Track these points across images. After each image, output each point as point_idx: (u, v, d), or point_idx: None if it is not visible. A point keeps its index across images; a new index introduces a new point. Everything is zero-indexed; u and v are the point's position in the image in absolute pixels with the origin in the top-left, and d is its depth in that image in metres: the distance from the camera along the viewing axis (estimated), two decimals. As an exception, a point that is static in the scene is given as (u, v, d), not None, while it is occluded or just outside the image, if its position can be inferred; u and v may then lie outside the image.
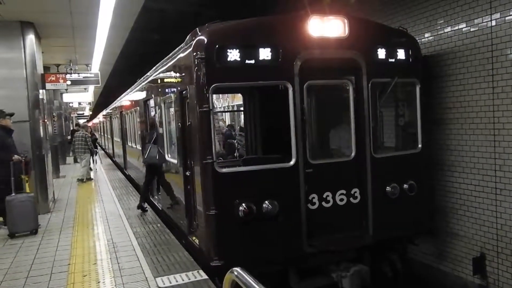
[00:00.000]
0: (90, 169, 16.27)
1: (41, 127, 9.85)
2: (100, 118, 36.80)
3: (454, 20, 6.54)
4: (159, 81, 8.36)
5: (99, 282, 5.31)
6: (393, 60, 6.17)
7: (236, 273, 2.64)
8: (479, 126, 6.25)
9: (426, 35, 7.07)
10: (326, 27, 5.67)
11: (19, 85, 9.39)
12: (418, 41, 6.76)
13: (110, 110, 23.07)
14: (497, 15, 5.85)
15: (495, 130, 6.02)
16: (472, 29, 6.26)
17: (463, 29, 6.39)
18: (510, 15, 5.68)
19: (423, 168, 6.54)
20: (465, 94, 6.45)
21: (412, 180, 6.22)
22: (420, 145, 6.46)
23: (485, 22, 6.04)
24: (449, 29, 6.65)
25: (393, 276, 6.35)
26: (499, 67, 5.89)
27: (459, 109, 6.56)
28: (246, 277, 2.55)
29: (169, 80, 7.45)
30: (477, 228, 6.42)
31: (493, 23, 5.92)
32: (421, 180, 6.36)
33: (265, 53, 5.39)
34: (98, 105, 41.87)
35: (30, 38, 9.62)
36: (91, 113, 55.95)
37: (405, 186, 6.17)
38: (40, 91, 10.42)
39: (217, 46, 5.23)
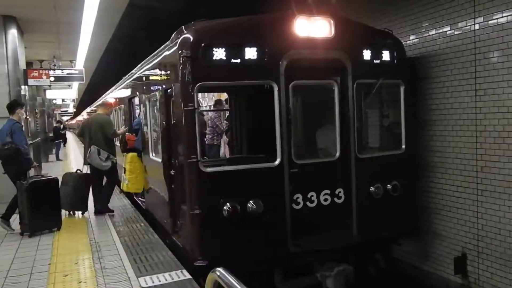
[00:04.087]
0: None
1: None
2: (84, 115, 36.39)
3: (439, 23, 6.62)
4: (144, 78, 8.28)
5: (80, 282, 5.22)
6: (378, 61, 6.20)
7: (218, 273, 2.62)
8: (462, 127, 6.33)
9: (412, 37, 7.13)
10: (312, 27, 5.67)
11: (1, 80, 9.21)
12: (403, 43, 6.82)
13: (95, 107, 22.75)
14: (481, 19, 5.93)
15: (477, 132, 6.10)
16: (456, 32, 6.33)
17: (448, 32, 6.47)
18: (493, 19, 5.77)
19: (407, 168, 6.60)
20: (448, 96, 6.53)
21: (396, 181, 6.26)
22: (404, 146, 6.51)
23: (469, 25, 6.12)
24: (434, 31, 6.72)
25: (377, 276, 6.40)
26: (481, 70, 5.98)
27: (443, 110, 6.63)
28: (228, 277, 2.53)
29: (154, 78, 7.38)
30: (459, 229, 6.50)
31: (477, 26, 6.00)
32: (405, 181, 6.41)
33: (251, 53, 5.37)
34: (82, 103, 41.33)
35: (12, 32, 9.45)
36: (75, 110, 55.27)
37: (389, 186, 6.22)
38: (22, 87, 10.27)
39: (203, 44, 5.19)
